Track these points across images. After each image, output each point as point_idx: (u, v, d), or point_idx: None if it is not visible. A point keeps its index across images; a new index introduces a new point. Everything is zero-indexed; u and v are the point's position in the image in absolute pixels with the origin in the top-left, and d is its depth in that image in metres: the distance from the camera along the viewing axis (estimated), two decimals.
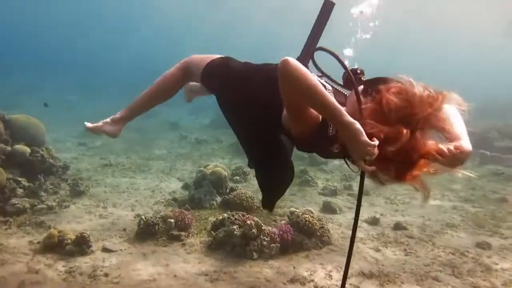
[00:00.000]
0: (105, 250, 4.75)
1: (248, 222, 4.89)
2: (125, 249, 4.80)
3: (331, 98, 1.64)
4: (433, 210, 6.75)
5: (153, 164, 9.40)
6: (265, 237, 4.88)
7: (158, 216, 5.42)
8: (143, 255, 4.67)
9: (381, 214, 6.36)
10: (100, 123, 2.60)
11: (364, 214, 6.32)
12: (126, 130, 2.88)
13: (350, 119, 1.56)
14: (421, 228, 5.81)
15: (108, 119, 2.63)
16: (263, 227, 4.93)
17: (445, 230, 5.74)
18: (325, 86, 1.99)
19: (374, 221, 6.00)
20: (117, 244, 4.94)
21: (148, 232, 5.14)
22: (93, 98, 20.95)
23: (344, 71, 1.88)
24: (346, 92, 2.04)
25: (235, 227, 4.94)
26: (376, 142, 1.51)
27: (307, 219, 5.20)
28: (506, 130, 12.07)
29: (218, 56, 2.52)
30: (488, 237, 5.57)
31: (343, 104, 1.86)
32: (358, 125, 1.54)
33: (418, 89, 1.58)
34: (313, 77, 1.72)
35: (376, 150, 1.51)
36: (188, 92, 2.99)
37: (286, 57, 1.71)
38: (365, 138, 1.51)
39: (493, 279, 4.37)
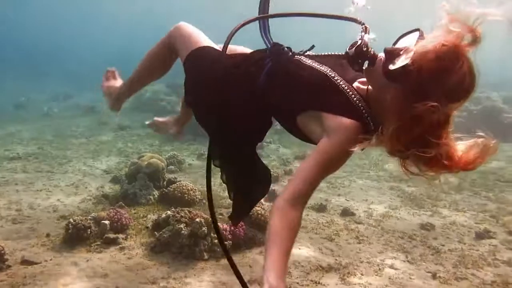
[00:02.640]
0: (26, 262, 3.98)
1: (197, 219, 4.41)
2: (50, 260, 4.08)
3: None
4: (373, 192, 6.81)
5: (72, 155, 8.34)
6: (215, 235, 4.46)
7: (90, 217, 4.72)
8: (74, 265, 4.00)
9: (326, 200, 6.24)
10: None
11: (310, 200, 6.13)
12: (33, 116, 2.27)
13: None
14: (368, 212, 5.79)
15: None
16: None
17: (389, 213, 5.77)
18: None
19: (321, 208, 5.85)
20: (40, 253, 4.18)
21: (78, 237, 4.44)
22: None
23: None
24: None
25: (182, 225, 4.44)
26: None
27: (259, 211, 4.86)
28: None
29: (208, 44, 2.04)
30: (429, 217, 5.71)
31: (352, 81, 1.61)
32: None
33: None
34: None
35: None
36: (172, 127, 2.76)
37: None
38: None
39: (444, 262, 4.43)
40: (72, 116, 13.54)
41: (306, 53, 1.80)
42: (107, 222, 4.63)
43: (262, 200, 5.51)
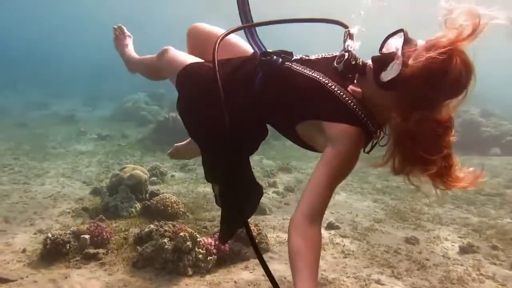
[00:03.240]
0: (0, 280, 3.79)
1: (182, 234, 4.30)
2: (27, 277, 3.90)
3: None
4: (358, 204, 6.80)
5: (50, 166, 8.08)
6: (200, 250, 4.35)
7: (69, 231, 4.55)
8: (52, 282, 3.84)
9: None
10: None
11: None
12: (7, 125, 2.16)
13: None
14: (352, 226, 5.76)
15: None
16: (198, 239, 4.38)
17: (374, 226, 5.76)
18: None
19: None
20: (16, 270, 3.99)
21: (56, 253, 4.26)
22: None
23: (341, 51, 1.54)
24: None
25: (165, 240, 4.31)
26: None
27: None
28: None
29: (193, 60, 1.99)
30: (413, 230, 5.72)
31: (347, 84, 1.59)
32: None
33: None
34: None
35: None
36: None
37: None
38: None
39: (429, 277, 4.41)
40: (49, 125, 13.19)
41: (297, 58, 1.75)
42: (87, 236, 4.48)
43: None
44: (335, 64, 1.50)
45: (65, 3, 39.14)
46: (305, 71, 1.64)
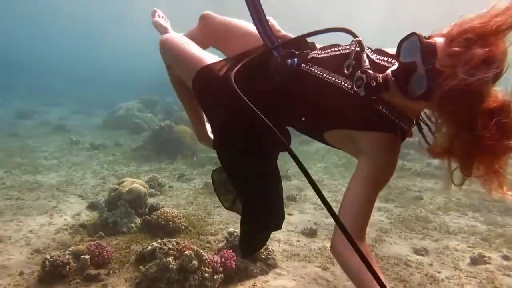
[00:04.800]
0: None
1: (187, 252, 4.12)
2: None
3: None
4: None
5: (43, 179, 7.81)
6: (206, 268, 4.17)
7: (68, 252, 4.35)
8: None
9: (315, 223, 6.05)
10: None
11: (298, 225, 5.96)
12: None
13: None
14: None
15: None
16: (204, 257, 4.21)
17: (381, 237, 5.63)
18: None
19: (311, 233, 5.65)
20: None
21: (56, 275, 4.06)
22: None
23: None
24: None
25: (170, 259, 4.13)
26: None
27: None
28: None
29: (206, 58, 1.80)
30: (421, 240, 5.59)
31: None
32: None
33: None
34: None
35: None
36: None
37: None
38: None
39: None
40: (40, 135, 12.85)
41: (313, 56, 1.61)
42: (87, 256, 4.28)
43: None
44: (355, 89, 1.34)
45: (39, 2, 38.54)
46: (326, 75, 1.51)
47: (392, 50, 1.44)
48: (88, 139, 12.18)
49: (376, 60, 1.45)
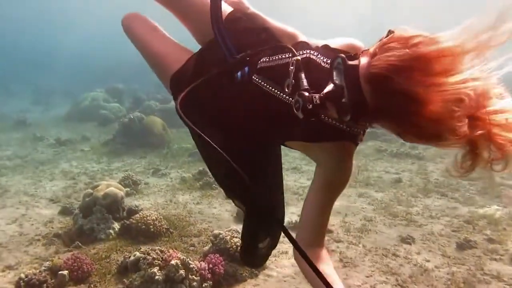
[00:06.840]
0: None
1: (173, 262, 3.92)
2: None
3: None
4: (344, 201, 6.61)
5: (8, 183, 7.29)
6: (194, 277, 3.99)
7: (44, 268, 4.06)
8: None
9: (298, 216, 5.94)
10: None
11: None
12: None
13: None
14: (344, 228, 5.56)
15: None
16: (191, 265, 4.01)
17: (367, 226, 5.59)
18: None
19: (295, 226, 5.54)
20: None
21: None
22: None
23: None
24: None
25: (155, 269, 3.92)
26: None
27: (238, 243, 4.45)
28: None
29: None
30: (406, 227, 5.60)
31: None
32: None
33: None
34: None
35: None
36: None
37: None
38: None
39: (434, 282, 4.26)
40: None
41: (262, 66, 1.55)
42: (65, 272, 4.01)
43: (237, 229, 5.13)
44: (295, 111, 1.23)
45: None
46: (272, 88, 1.46)
47: (342, 43, 1.57)
48: (53, 134, 11.59)
49: (322, 64, 1.41)
